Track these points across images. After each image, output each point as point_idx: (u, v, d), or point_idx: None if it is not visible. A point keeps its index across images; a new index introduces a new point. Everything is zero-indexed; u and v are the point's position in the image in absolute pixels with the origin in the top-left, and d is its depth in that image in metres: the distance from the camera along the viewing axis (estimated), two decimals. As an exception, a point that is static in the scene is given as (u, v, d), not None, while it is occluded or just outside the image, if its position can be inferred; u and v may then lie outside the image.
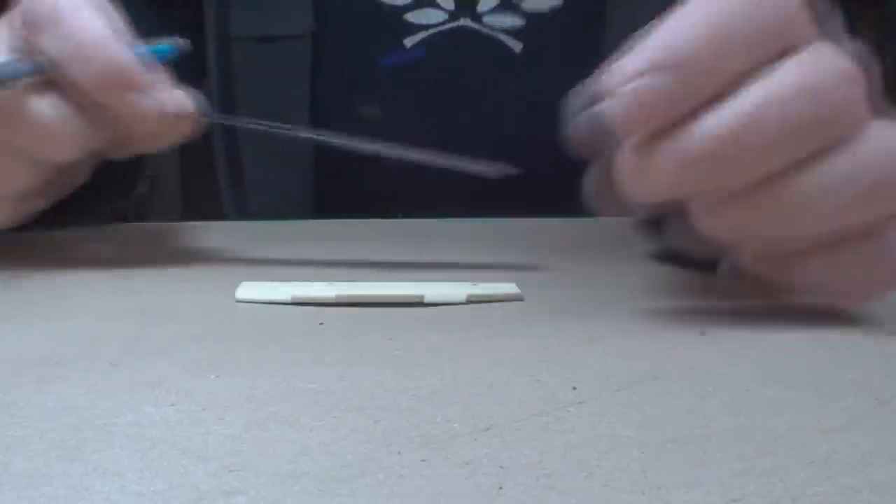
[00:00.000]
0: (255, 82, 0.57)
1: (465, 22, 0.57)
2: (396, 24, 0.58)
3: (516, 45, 0.58)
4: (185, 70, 0.38)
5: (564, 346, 0.27)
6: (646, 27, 0.28)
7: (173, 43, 0.39)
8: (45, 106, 0.35)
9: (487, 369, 0.24)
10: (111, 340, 0.26)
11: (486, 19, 0.58)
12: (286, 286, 0.32)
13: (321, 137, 0.36)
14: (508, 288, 0.33)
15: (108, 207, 0.49)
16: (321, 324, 0.29)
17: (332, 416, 0.20)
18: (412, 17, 0.58)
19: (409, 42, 0.57)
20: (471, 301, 0.32)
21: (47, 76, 0.35)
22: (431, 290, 0.32)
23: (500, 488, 0.17)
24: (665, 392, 0.23)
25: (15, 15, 0.37)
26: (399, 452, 0.18)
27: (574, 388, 0.23)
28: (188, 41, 0.39)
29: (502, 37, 0.58)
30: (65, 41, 0.35)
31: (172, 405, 0.21)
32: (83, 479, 0.17)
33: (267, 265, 0.39)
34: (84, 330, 0.28)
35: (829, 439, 0.19)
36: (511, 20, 0.57)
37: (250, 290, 0.32)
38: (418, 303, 0.31)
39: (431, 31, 0.58)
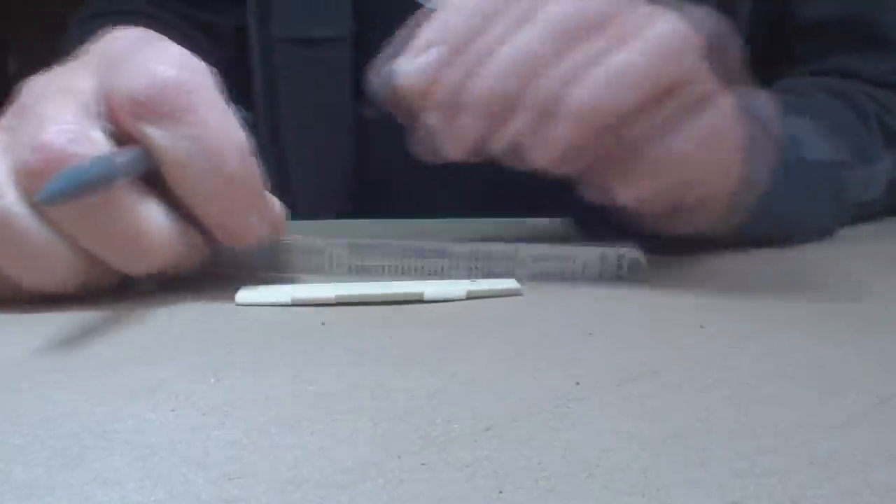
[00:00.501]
0: (298, 84, 0.56)
1: None
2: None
3: None
4: (232, 74, 0.34)
5: (564, 341, 0.27)
6: None
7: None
8: (144, 215, 0.30)
9: (487, 367, 0.24)
10: (111, 345, 0.26)
11: None
12: (286, 288, 0.32)
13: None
14: (508, 283, 0.33)
15: None
16: (322, 324, 0.29)
17: (332, 420, 0.20)
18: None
19: None
20: (471, 297, 0.32)
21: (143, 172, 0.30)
22: (431, 287, 0.32)
23: (500, 492, 0.17)
24: (665, 386, 0.23)
25: (98, 77, 0.31)
26: (399, 456, 0.18)
27: (576, 384, 0.23)
28: (249, 114, 0.38)
29: None
30: (194, 141, 0.29)
31: (173, 410, 0.21)
32: (84, 489, 0.17)
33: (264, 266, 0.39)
34: (83, 335, 0.28)
35: (830, 437, 0.19)
36: None
37: (250, 294, 0.32)
38: (418, 300, 0.31)
39: None
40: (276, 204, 0.33)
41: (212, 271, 0.35)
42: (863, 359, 0.26)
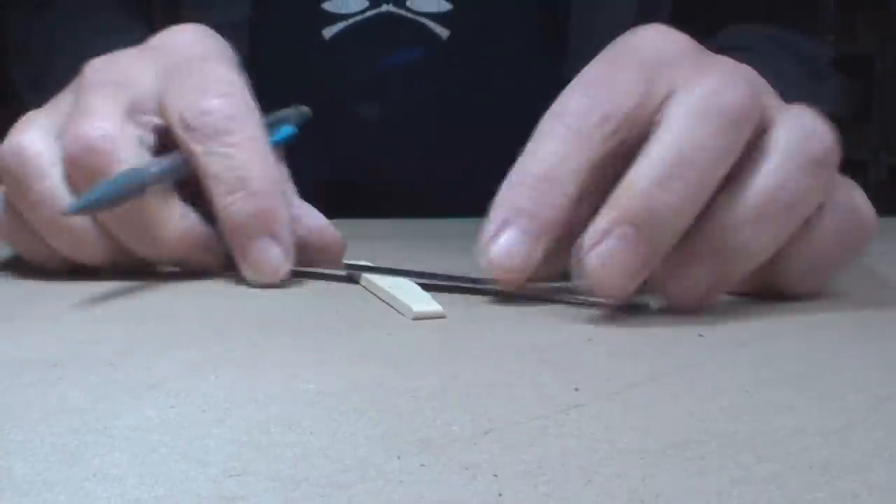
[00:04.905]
0: None
1: (387, 8, 0.57)
2: (314, 13, 0.57)
3: (443, 31, 0.58)
4: None
5: (564, 348, 0.27)
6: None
7: (295, 113, 0.40)
8: (164, 214, 0.34)
9: (487, 371, 0.24)
10: (111, 342, 0.26)
11: (409, 3, 0.57)
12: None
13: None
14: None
15: None
16: (323, 324, 0.29)
17: (332, 419, 0.20)
18: (330, 6, 0.57)
19: (327, 32, 0.57)
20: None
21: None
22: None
23: (500, 495, 0.17)
24: (664, 395, 0.23)
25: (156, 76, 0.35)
26: (398, 457, 0.18)
27: (575, 391, 0.23)
28: (309, 110, 0.41)
29: (428, 22, 0.57)
30: (227, 158, 0.33)
31: (173, 407, 0.21)
32: (83, 485, 0.17)
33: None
34: (84, 332, 0.28)
35: (828, 442, 0.19)
36: (437, 4, 0.57)
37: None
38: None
39: (352, 20, 0.57)
40: (328, 228, 0.37)
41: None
42: (859, 364, 0.26)
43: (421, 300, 0.31)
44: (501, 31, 0.58)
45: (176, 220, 0.34)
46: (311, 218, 0.36)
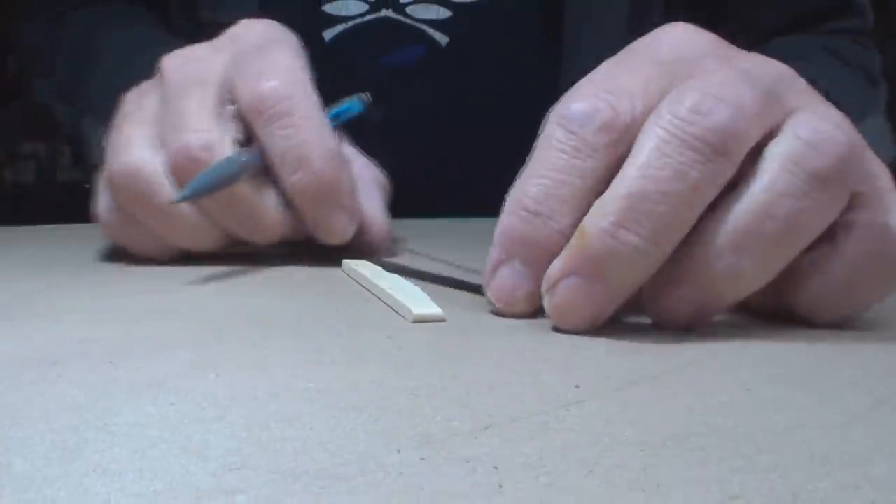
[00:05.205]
0: None
1: (387, 13, 0.57)
2: (314, 15, 0.57)
3: (442, 38, 0.58)
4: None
5: (564, 346, 0.27)
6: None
7: (358, 99, 0.43)
8: (260, 202, 0.38)
9: (487, 368, 0.24)
10: (111, 340, 0.26)
11: (409, 10, 0.57)
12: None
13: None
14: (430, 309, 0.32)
15: None
16: (322, 323, 0.29)
17: (332, 415, 0.20)
18: (331, 8, 0.58)
19: (327, 34, 0.57)
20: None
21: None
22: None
23: (500, 486, 0.17)
24: (664, 391, 0.23)
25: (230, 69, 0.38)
26: (398, 451, 0.18)
27: (575, 387, 0.23)
28: (369, 95, 0.43)
29: (427, 29, 0.58)
30: (286, 139, 0.36)
31: (172, 404, 0.21)
32: (83, 481, 0.17)
33: (267, 263, 0.39)
34: (84, 329, 0.28)
35: (829, 436, 0.19)
36: (437, 12, 0.57)
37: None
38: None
39: (351, 23, 0.57)
40: (378, 217, 0.40)
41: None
42: (860, 361, 0.26)
43: (421, 303, 0.31)
44: (501, 36, 0.58)
45: (274, 206, 0.38)
46: (367, 207, 0.40)
